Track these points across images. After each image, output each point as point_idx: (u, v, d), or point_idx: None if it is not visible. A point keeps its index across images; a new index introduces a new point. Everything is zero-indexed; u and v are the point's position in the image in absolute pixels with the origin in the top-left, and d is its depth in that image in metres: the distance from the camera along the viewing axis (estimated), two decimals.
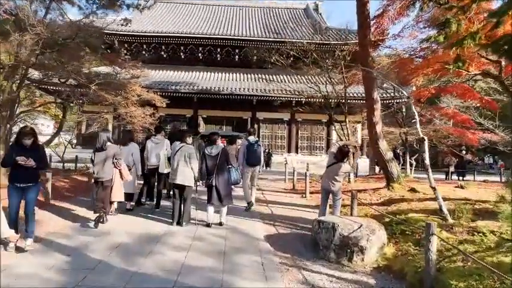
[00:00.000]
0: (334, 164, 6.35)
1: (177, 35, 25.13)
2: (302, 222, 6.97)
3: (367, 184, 11.03)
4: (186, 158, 6.54)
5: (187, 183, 6.52)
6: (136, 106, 15.54)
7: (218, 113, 24.80)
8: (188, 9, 30.68)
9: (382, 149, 9.21)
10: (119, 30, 24.73)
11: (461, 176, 16.65)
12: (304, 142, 25.55)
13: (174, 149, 6.80)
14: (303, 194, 10.00)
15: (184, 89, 22.91)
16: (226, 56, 26.51)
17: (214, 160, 6.47)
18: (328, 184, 6.37)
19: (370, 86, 9.32)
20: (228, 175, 6.66)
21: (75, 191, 9.48)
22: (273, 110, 24.39)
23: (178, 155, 6.62)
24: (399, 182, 9.16)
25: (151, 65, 25.80)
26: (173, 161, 6.68)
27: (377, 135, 9.22)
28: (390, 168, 9.20)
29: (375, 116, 9.18)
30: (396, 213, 6.49)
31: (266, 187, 11.98)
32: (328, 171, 6.44)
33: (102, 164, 6.27)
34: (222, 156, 6.51)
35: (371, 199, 8.49)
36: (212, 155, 6.50)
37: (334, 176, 6.32)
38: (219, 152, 6.49)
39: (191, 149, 6.66)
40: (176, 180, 6.53)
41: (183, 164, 6.53)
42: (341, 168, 6.28)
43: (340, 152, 6.32)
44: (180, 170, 6.52)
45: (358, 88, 20.94)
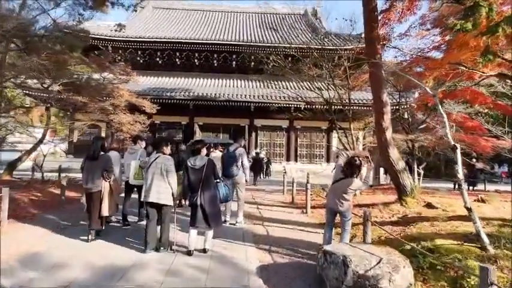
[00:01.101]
0: (342, 179, 5.15)
1: (172, 40, 24.05)
2: (304, 247, 5.73)
3: (375, 197, 9.80)
4: (163, 171, 5.34)
5: (164, 201, 5.31)
6: (125, 112, 14.40)
7: (215, 120, 23.62)
8: (184, 15, 29.67)
9: (393, 157, 8.00)
10: (112, 36, 23.77)
11: (471, 186, 15.42)
12: (303, 150, 24.34)
13: (149, 160, 5.63)
14: (304, 210, 8.75)
15: (179, 96, 21.76)
16: (223, 62, 25.42)
17: (198, 174, 5.26)
18: (335, 203, 5.16)
19: (378, 86, 8.14)
20: (215, 191, 5.43)
21: (45, 206, 8.23)
22: (271, 117, 23.20)
23: (153, 167, 5.42)
24: (413, 195, 7.93)
25: (146, 72, 24.81)
26: (147, 175, 5.47)
27: (387, 142, 8.02)
28: (402, 179, 7.98)
29: (384, 121, 7.99)
30: (418, 237, 5.25)
31: (262, 200, 10.74)
32: (335, 188, 5.23)
33: (92, 173, 5.77)
34: (208, 169, 5.29)
35: (382, 216, 7.26)
36: (196, 168, 5.29)
37: (342, 194, 5.11)
38: (204, 164, 5.28)
39: (169, 161, 5.46)
40: (150, 198, 5.31)
41: (159, 178, 5.33)
42: (351, 184, 5.07)
43: (349, 165, 5.12)
44: (154, 186, 5.31)
45: (361, 94, 19.90)
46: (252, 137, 23.93)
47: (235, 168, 7.18)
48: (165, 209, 5.38)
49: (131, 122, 14.12)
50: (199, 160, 5.32)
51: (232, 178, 7.19)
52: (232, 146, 7.39)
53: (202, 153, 5.46)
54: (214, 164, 5.48)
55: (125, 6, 11.80)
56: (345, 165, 5.20)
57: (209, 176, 5.32)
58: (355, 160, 5.18)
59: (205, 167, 5.27)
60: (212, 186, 5.36)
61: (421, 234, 5.49)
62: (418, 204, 7.71)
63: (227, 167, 7.22)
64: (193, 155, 5.46)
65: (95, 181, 5.77)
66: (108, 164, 5.92)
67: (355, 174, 5.16)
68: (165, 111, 22.64)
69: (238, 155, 7.20)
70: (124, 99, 13.63)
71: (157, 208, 5.39)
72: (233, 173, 7.18)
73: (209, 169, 5.31)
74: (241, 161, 7.23)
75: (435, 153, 17.46)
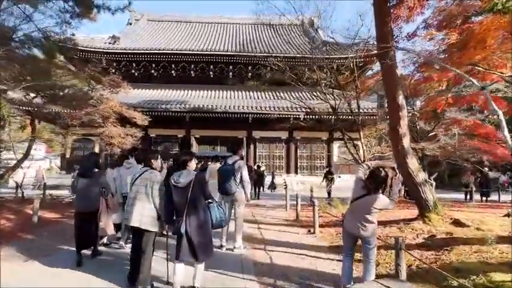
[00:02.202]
0: (364, 196, 4.02)
1: (167, 51, 23.12)
2: (317, 279, 4.57)
3: (391, 212, 8.61)
4: (148, 189, 4.25)
5: (145, 226, 4.19)
6: (115, 125, 13.28)
7: (212, 132, 22.52)
8: (180, 27, 28.81)
9: (412, 168, 6.87)
10: (106, 48, 22.86)
11: (485, 197, 14.26)
12: (303, 162, 23.19)
13: (133, 176, 4.51)
14: (311, 229, 7.56)
15: (175, 108, 20.70)
16: (219, 73, 24.46)
17: (183, 193, 4.11)
18: (356, 226, 4.01)
19: (392, 87, 7.06)
20: (205, 215, 4.26)
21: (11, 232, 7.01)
22: (270, 128, 22.10)
23: (136, 184, 4.34)
24: (436, 211, 6.78)
25: (142, 84, 23.83)
26: (130, 194, 4.38)
27: (404, 150, 6.90)
28: (424, 193, 6.84)
29: (401, 127, 6.88)
30: (462, 268, 4.09)
31: (264, 218, 9.55)
32: (356, 207, 4.10)
33: (85, 192, 5.16)
34: (195, 187, 4.14)
35: (405, 237, 6.07)
36: (180, 186, 4.14)
37: (364, 215, 3.97)
38: (190, 181, 4.14)
39: (156, 176, 4.35)
40: (131, 221, 4.20)
41: (143, 198, 4.25)
42: (375, 202, 3.93)
43: (372, 178, 3.99)
44: (137, 207, 4.22)
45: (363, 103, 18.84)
46: (251, 149, 22.81)
47: (233, 183, 6.01)
48: (147, 235, 4.25)
49: (122, 135, 12.99)
50: (185, 176, 4.18)
51: (229, 195, 6.07)
52: (231, 158, 6.23)
53: (189, 167, 4.33)
54: (203, 180, 4.35)
55: (111, 10, 10.76)
56: (368, 179, 4.08)
57: (197, 195, 4.17)
58: (380, 172, 4.04)
59: (193, 185, 4.13)
60: (201, 209, 4.19)
61: (464, 263, 4.33)
62: (444, 221, 6.56)
63: (224, 182, 6.05)
64: (177, 170, 4.34)
65: (91, 200, 5.18)
66: (105, 181, 5.40)
67: (380, 190, 4.03)
68: (160, 124, 21.62)
69: (237, 168, 6.04)
70: (114, 111, 12.51)
71: (140, 234, 4.26)
72: (231, 189, 6.02)
73: (197, 187, 4.16)
74: (241, 175, 6.07)
75: (438, 162, 16.38)
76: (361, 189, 4.07)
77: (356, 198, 4.11)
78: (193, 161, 4.43)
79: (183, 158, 4.36)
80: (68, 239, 6.42)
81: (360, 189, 4.09)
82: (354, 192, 4.17)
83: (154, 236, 4.35)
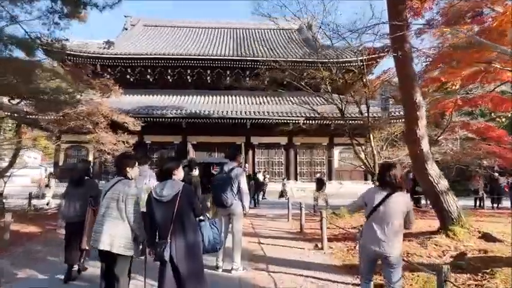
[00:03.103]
0: (385, 199, 3.14)
1: (163, 56, 22.30)
2: None
3: None
4: (121, 204, 3.36)
5: (118, 250, 3.31)
6: (107, 131, 12.39)
7: (209, 138, 21.61)
8: (177, 33, 28.05)
9: (433, 175, 6.01)
10: (100, 53, 22.03)
11: (496, 203, 13.39)
12: (303, 168, 22.29)
13: (104, 187, 3.64)
14: (318, 244, 6.66)
15: (171, 114, 19.82)
16: (216, 78, 23.61)
17: (168, 209, 3.23)
18: (380, 241, 3.13)
19: (408, 84, 6.22)
20: (196, 236, 3.36)
21: None
22: (269, 134, 21.26)
23: (107, 198, 3.46)
24: (461, 223, 5.90)
25: (137, 90, 23.00)
26: (100, 209, 3.50)
27: (423, 155, 6.05)
28: (446, 203, 5.97)
29: (420, 128, 6.03)
30: None
31: (264, 229, 8.65)
32: (378, 218, 3.18)
33: (74, 201, 4.73)
34: (183, 201, 3.26)
35: (429, 255, 5.20)
36: (164, 201, 3.26)
37: (391, 225, 3.11)
38: (177, 194, 3.26)
39: (131, 188, 3.46)
40: (100, 244, 3.33)
41: (115, 215, 3.38)
42: (402, 201, 3.15)
43: (387, 170, 3.21)
44: (108, 226, 3.35)
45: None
46: (249, 155, 21.92)
47: (230, 194, 5.10)
48: (120, 261, 3.37)
49: (113, 142, 12.09)
50: (170, 188, 3.30)
51: (226, 208, 5.17)
52: (228, 165, 5.31)
53: (176, 176, 3.45)
54: (192, 192, 3.48)
55: (99, 7, 9.94)
56: (382, 172, 3.27)
57: (185, 212, 3.29)
58: (388, 163, 3.22)
59: (179, 199, 3.25)
60: (190, 229, 3.31)
61: None
62: (471, 234, 5.69)
63: (219, 193, 5.13)
64: (160, 180, 3.45)
65: (78, 210, 4.72)
66: (95, 190, 4.86)
67: (401, 187, 3.22)
68: (156, 130, 20.75)
69: (234, 177, 5.15)
70: (104, 116, 11.63)
71: (112, 259, 3.36)
72: (227, 201, 5.09)
73: (185, 201, 3.29)
74: (238, 185, 5.18)
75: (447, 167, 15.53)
76: (379, 192, 3.22)
77: (375, 207, 3.20)
78: (181, 169, 3.56)
79: (168, 165, 3.47)
80: (38, 261, 5.51)
81: (376, 194, 3.23)
82: (369, 201, 3.27)
83: (129, 262, 3.46)
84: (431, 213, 9.98)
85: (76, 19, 12.30)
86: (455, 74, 8.19)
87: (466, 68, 8.21)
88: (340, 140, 21.36)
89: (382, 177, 3.25)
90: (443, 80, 10.81)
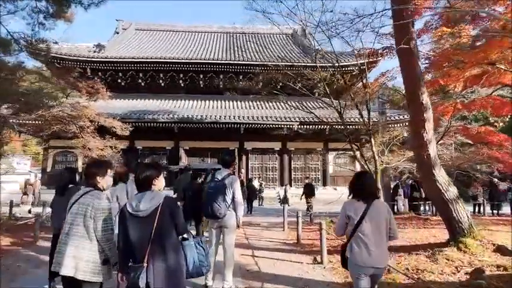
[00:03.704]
0: (368, 208, 2.97)
1: (155, 60, 21.71)
2: None
3: (409, 233, 7.21)
4: (88, 220, 2.80)
5: (83, 276, 2.73)
6: (94, 136, 11.76)
7: (202, 144, 21.01)
8: (169, 37, 27.51)
9: (441, 181, 5.51)
10: (91, 57, 21.40)
11: (496, 210, 12.98)
12: (298, 173, 21.77)
13: (70, 201, 3.05)
14: (317, 257, 6.10)
15: (163, 118, 19.20)
16: (209, 83, 23.11)
17: (145, 226, 2.65)
18: (372, 256, 2.90)
19: (414, 83, 5.73)
20: (178, 258, 2.78)
21: None
22: (263, 139, 20.78)
23: (73, 212, 2.88)
24: (473, 234, 5.39)
25: (129, 94, 22.42)
26: (64, 227, 2.91)
27: (430, 160, 5.55)
28: (456, 212, 5.46)
29: (426, 131, 5.54)
30: None
31: (259, 240, 8.08)
32: (366, 229, 2.94)
33: (59, 211, 4.10)
34: (163, 217, 2.68)
35: (441, 271, 4.66)
36: (141, 216, 2.69)
37: (378, 234, 2.96)
38: (157, 207, 2.69)
39: (101, 201, 2.88)
40: (62, 268, 2.74)
41: (80, 233, 2.81)
42: (383, 211, 3.03)
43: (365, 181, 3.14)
44: (72, 247, 2.77)
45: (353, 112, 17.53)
46: (243, 161, 21.36)
47: (223, 204, 4.50)
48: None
49: (100, 147, 11.47)
50: (148, 200, 2.72)
51: (218, 219, 4.58)
52: (220, 172, 4.73)
53: (156, 186, 2.88)
54: (175, 205, 2.88)
55: (84, 5, 9.39)
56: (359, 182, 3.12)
57: (166, 229, 2.71)
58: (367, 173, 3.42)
59: (160, 213, 2.68)
60: (171, 250, 2.72)
61: None
62: (484, 247, 5.19)
63: (211, 203, 4.50)
64: (138, 191, 2.88)
65: (63, 220, 3.72)
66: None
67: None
68: (148, 135, 20.15)
69: (228, 185, 4.56)
70: (91, 120, 11.01)
71: (76, 287, 2.78)
72: (220, 212, 4.48)
73: (166, 216, 2.71)
74: (233, 194, 4.59)
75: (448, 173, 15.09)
76: (359, 204, 3.00)
77: (361, 219, 2.95)
78: (162, 178, 2.99)
79: (146, 173, 2.89)
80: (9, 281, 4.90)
81: (358, 206, 3.00)
82: (353, 214, 3.00)
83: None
84: (433, 221, 9.51)
85: (62, 19, 11.75)
86: (457, 76, 7.75)
87: (469, 70, 7.77)
88: (335, 145, 20.96)
89: (360, 188, 3.07)
90: (442, 82, 10.41)
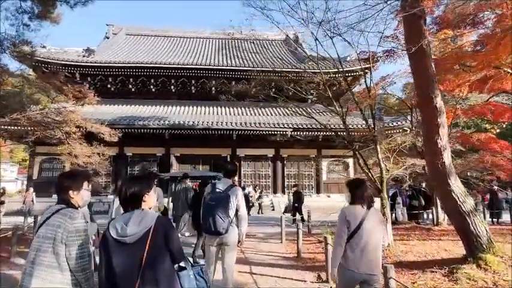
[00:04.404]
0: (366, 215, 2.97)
1: (146, 65, 21.07)
2: None
3: (416, 246, 6.73)
4: (58, 246, 2.22)
5: None
6: (81, 142, 11.09)
7: (193, 150, 20.38)
8: (161, 42, 26.91)
9: (457, 192, 5.05)
10: (80, 62, 20.68)
11: (495, 218, 12.64)
12: (291, 181, 21.24)
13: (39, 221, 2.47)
14: (321, 274, 5.56)
15: (153, 124, 18.54)
16: (201, 88, 22.56)
17: (134, 254, 2.08)
18: (367, 263, 2.91)
19: (427, 85, 5.27)
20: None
21: None
22: (256, 146, 20.27)
23: (40, 236, 2.29)
24: (493, 250, 4.93)
25: (119, 100, 21.72)
26: (29, 254, 2.31)
27: (445, 169, 5.09)
28: (474, 225, 5.00)
29: (441, 137, 5.08)
30: None
31: (255, 254, 7.52)
32: (364, 234, 2.92)
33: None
34: (156, 241, 2.12)
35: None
36: (128, 242, 2.12)
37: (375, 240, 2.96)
38: (148, 230, 2.13)
39: (74, 221, 2.28)
40: None
41: (48, 262, 2.22)
42: (379, 218, 3.08)
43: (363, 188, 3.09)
44: (38, 278, 2.19)
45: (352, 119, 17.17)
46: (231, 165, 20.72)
47: (226, 219, 3.88)
48: None
49: (87, 154, 10.79)
50: (137, 223, 2.15)
51: (219, 236, 3.95)
52: (221, 182, 4.16)
53: (146, 204, 2.32)
54: (169, 228, 2.29)
55: (70, 3, 8.82)
56: (357, 189, 3.07)
57: (159, 257, 2.15)
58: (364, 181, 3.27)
59: (151, 238, 2.12)
60: (166, 282, 2.15)
61: None
62: (507, 265, 4.71)
63: (212, 217, 3.87)
64: (124, 210, 2.32)
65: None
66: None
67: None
68: (138, 142, 19.46)
69: (233, 198, 3.97)
70: (77, 126, 10.35)
71: None
72: (222, 227, 3.86)
73: (160, 242, 2.14)
74: (237, 207, 4.00)
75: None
76: (359, 209, 2.98)
77: (359, 225, 2.92)
78: (153, 194, 2.42)
79: (134, 188, 2.32)
80: None
81: (357, 211, 2.98)
82: (353, 220, 2.95)
83: None
84: (436, 232, 9.09)
85: (48, 20, 11.13)
86: (463, 80, 7.35)
87: (475, 73, 7.39)
88: (329, 152, 20.57)
89: (358, 194, 3.03)
90: (442, 88, 10.07)
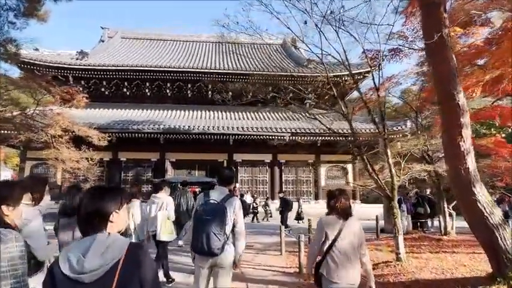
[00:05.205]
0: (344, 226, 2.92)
1: (141, 68, 20.50)
2: None
3: (431, 260, 6.10)
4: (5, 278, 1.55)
5: None
6: (69, 146, 10.41)
7: (189, 156, 19.72)
8: (157, 45, 26.34)
9: (483, 202, 4.43)
10: (73, 64, 20.01)
11: None
12: (289, 187, 20.61)
13: None
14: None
15: (148, 129, 17.91)
16: (197, 92, 21.98)
17: None
18: (347, 274, 2.85)
19: (448, 81, 4.64)
20: None
21: None
22: (253, 151, 19.64)
23: None
24: None
25: (114, 104, 21.08)
26: None
27: (469, 175, 4.47)
28: (503, 240, 4.37)
29: (464, 139, 4.47)
30: None
31: (253, 267, 6.86)
32: (343, 246, 2.89)
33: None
34: (125, 281, 1.46)
35: None
36: (86, 281, 1.43)
37: (353, 250, 2.91)
38: (116, 264, 1.46)
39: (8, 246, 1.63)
40: None
41: None
42: (358, 228, 2.98)
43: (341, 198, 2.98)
44: None
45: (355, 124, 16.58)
46: (229, 172, 20.05)
47: (221, 235, 3.13)
48: None
49: (74, 159, 10.10)
50: (98, 254, 1.47)
51: (212, 256, 3.18)
52: (216, 190, 3.38)
53: (115, 226, 1.64)
54: (144, 260, 1.60)
55: None
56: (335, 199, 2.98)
57: None
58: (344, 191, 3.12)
59: (119, 277, 1.45)
60: None
61: None
62: None
63: (206, 233, 3.10)
64: (82, 234, 1.64)
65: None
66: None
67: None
68: (132, 146, 18.79)
69: (230, 210, 3.23)
70: (64, 130, 9.68)
71: None
72: (216, 246, 3.10)
73: (129, 280, 1.49)
74: (234, 222, 3.27)
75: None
76: (336, 220, 2.94)
77: (337, 236, 2.89)
78: (124, 211, 1.75)
79: (96, 204, 1.64)
80: None
81: (335, 222, 2.94)
82: (331, 231, 2.91)
83: None
84: (447, 242, 8.49)
85: (35, 18, 10.50)
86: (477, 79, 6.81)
87: (490, 72, 6.82)
88: (328, 157, 20.00)
89: (331, 205, 2.99)
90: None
